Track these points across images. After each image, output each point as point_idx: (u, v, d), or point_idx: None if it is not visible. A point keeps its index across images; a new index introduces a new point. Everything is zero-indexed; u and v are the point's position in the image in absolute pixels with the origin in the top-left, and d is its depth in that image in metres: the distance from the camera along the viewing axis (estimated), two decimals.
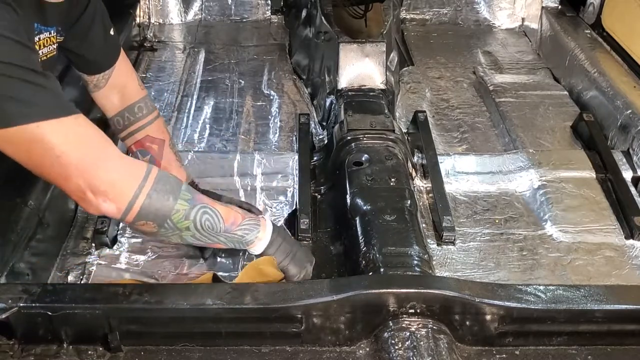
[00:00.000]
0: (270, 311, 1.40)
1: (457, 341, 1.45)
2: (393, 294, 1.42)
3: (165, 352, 1.41)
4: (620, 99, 2.55)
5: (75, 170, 1.38)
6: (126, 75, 1.94)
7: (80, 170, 1.38)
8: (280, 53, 3.21)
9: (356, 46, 2.56)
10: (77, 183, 1.39)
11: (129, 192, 1.44)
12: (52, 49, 1.64)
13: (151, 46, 3.24)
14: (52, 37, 1.62)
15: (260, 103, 2.82)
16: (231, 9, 3.49)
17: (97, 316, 1.38)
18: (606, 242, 2.08)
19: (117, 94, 1.93)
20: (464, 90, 2.95)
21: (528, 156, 2.36)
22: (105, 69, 1.88)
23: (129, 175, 1.45)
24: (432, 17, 3.50)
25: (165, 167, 1.92)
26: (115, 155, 1.46)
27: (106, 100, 1.94)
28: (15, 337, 1.41)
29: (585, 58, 2.86)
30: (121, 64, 1.92)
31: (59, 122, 1.35)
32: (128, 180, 1.45)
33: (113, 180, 1.42)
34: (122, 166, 1.46)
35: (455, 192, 2.27)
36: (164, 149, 1.96)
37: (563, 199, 2.22)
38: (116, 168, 1.44)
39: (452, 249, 2.05)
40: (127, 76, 1.94)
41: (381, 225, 1.86)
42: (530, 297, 1.44)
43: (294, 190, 2.22)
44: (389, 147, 2.20)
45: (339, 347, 1.45)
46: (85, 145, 1.40)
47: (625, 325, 1.48)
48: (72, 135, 1.37)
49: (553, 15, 3.27)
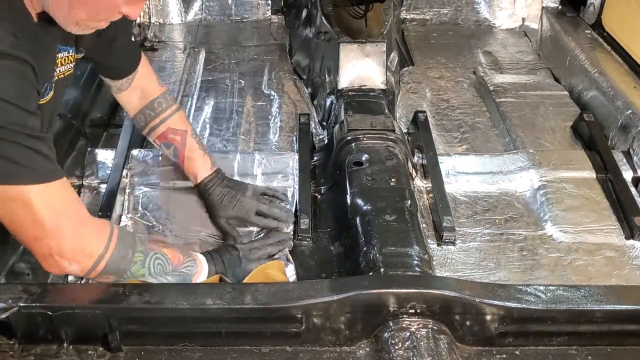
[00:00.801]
0: (270, 311, 1.40)
1: (457, 341, 1.45)
2: (393, 294, 1.42)
3: (166, 352, 1.41)
4: (620, 99, 2.55)
5: (49, 233, 1.43)
6: (146, 76, 2.00)
7: (53, 235, 1.43)
8: (281, 53, 3.21)
9: (356, 46, 2.56)
10: (48, 245, 1.44)
11: (95, 255, 1.50)
12: (70, 67, 1.68)
13: (151, 46, 3.24)
14: (71, 56, 1.66)
15: (261, 103, 2.82)
16: (231, 9, 3.49)
17: (97, 316, 1.38)
18: (606, 242, 2.08)
19: (138, 93, 1.99)
20: (464, 90, 2.95)
21: (528, 156, 2.36)
22: (128, 74, 1.95)
23: (97, 240, 1.52)
24: (433, 17, 3.50)
25: (190, 157, 2.02)
26: (86, 219, 1.51)
27: (128, 101, 2.01)
28: (16, 337, 1.41)
29: (586, 58, 2.86)
30: (142, 66, 1.98)
31: (46, 187, 1.40)
32: (95, 245, 1.51)
33: (82, 246, 1.48)
34: (91, 231, 1.51)
35: (456, 192, 2.27)
36: (186, 139, 2.02)
37: (563, 199, 2.21)
38: (86, 235, 1.49)
39: (452, 249, 2.05)
40: (147, 77, 2.00)
41: (381, 225, 1.86)
42: (530, 298, 1.44)
43: (294, 190, 2.22)
44: (389, 147, 2.20)
45: (339, 347, 1.45)
46: (64, 213, 1.45)
47: (626, 326, 1.47)
48: (55, 201, 1.43)
49: (553, 16, 3.27)
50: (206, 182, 2.03)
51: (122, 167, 2.22)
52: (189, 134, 2.03)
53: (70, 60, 1.66)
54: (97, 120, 2.54)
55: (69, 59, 1.66)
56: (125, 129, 2.36)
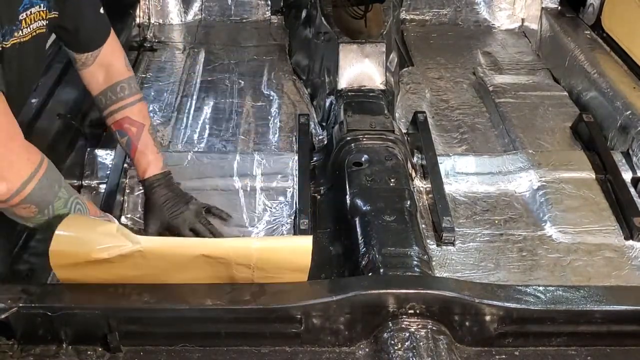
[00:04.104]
0: (269, 312, 1.40)
1: (456, 342, 1.45)
2: (393, 294, 1.42)
3: (165, 353, 1.41)
4: (619, 99, 2.55)
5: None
6: (113, 54, 1.93)
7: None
8: (280, 53, 3.22)
9: (356, 47, 2.57)
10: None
11: (24, 174, 1.48)
12: (42, 25, 1.61)
13: (151, 46, 3.24)
14: (42, 12, 1.60)
15: (260, 103, 2.82)
16: (231, 9, 3.49)
17: (97, 316, 1.38)
18: (606, 242, 2.08)
19: (103, 72, 1.93)
20: (463, 90, 2.95)
21: (528, 157, 2.36)
22: (93, 48, 1.88)
23: (27, 160, 1.50)
24: (432, 17, 3.50)
25: (142, 151, 1.96)
26: (18, 138, 1.49)
27: (92, 78, 1.94)
28: (15, 337, 1.41)
29: (585, 59, 2.86)
30: (110, 43, 1.91)
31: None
32: (25, 164, 1.49)
33: (11, 161, 1.46)
34: (22, 150, 1.50)
35: (455, 193, 2.27)
36: (142, 132, 1.96)
37: (563, 199, 2.22)
38: (16, 151, 1.47)
39: (451, 250, 2.05)
40: (114, 55, 1.94)
41: (381, 225, 1.86)
42: (529, 298, 1.44)
43: (293, 191, 2.22)
44: (388, 148, 2.20)
45: (338, 348, 1.45)
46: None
47: (625, 326, 1.47)
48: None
49: (553, 16, 3.27)
50: (153, 180, 1.97)
51: (122, 168, 2.22)
52: (146, 128, 1.97)
53: (41, 15, 1.59)
54: (97, 120, 2.54)
55: (40, 15, 1.59)
56: None
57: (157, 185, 1.97)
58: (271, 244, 1.52)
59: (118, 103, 1.94)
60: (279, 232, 2.11)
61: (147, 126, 1.98)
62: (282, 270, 1.46)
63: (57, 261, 1.42)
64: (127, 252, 1.40)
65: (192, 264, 1.44)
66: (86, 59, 1.89)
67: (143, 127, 1.97)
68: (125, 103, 1.95)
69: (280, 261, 1.46)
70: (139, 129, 1.96)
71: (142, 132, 1.96)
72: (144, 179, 1.98)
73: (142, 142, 1.96)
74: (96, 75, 1.93)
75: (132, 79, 1.98)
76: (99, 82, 1.94)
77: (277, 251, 1.48)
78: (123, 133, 1.96)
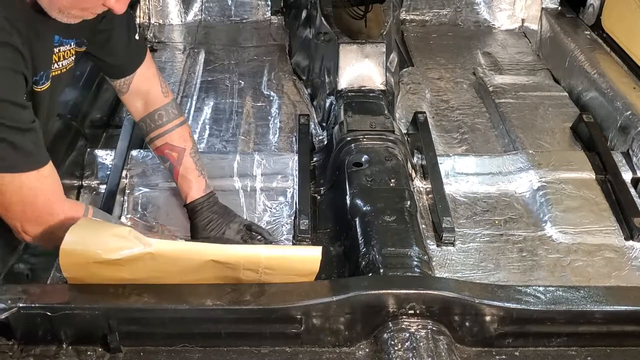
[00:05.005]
0: (269, 312, 1.40)
1: (456, 342, 1.45)
2: (393, 294, 1.42)
3: (165, 353, 1.41)
4: (620, 100, 2.55)
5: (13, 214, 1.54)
6: (149, 81, 1.95)
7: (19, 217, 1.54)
8: (280, 54, 3.22)
9: (356, 47, 2.56)
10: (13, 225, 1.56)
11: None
12: (71, 61, 1.67)
13: (151, 47, 3.24)
14: (72, 50, 1.65)
15: (260, 104, 2.82)
16: (231, 9, 3.49)
17: (97, 317, 1.38)
18: (606, 243, 2.08)
19: (141, 100, 1.96)
20: (463, 91, 2.95)
21: (528, 157, 2.36)
22: (126, 74, 1.90)
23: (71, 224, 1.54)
24: (432, 18, 3.50)
25: (184, 175, 1.98)
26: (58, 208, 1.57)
27: (131, 105, 1.98)
28: (15, 338, 1.41)
29: (585, 59, 2.86)
30: (145, 69, 1.92)
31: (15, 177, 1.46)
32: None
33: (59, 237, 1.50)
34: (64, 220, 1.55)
35: (455, 193, 2.27)
36: (183, 157, 1.98)
37: (563, 200, 2.22)
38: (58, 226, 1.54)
39: (451, 250, 2.05)
40: (151, 82, 1.95)
41: (381, 226, 1.86)
42: (529, 298, 1.44)
43: (293, 191, 2.22)
44: (388, 148, 2.20)
45: (338, 348, 1.44)
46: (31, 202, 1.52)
47: (625, 327, 1.47)
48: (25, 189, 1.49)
49: (553, 17, 3.28)
50: (196, 203, 1.99)
51: (122, 168, 2.22)
52: (187, 152, 1.99)
53: (71, 53, 1.65)
54: (97, 120, 2.54)
55: (70, 53, 1.64)
56: (124, 129, 2.36)
57: (199, 209, 1.99)
58: (280, 253, 1.52)
59: (157, 130, 1.97)
60: (279, 232, 2.10)
61: (188, 150, 2.00)
62: (288, 277, 1.47)
63: (67, 260, 1.41)
64: (137, 254, 1.40)
65: (201, 268, 1.44)
66: (120, 85, 1.92)
67: (184, 152, 1.99)
68: (164, 130, 1.97)
69: (288, 269, 1.47)
70: (180, 153, 1.98)
71: (183, 157, 1.98)
72: (186, 203, 2.00)
73: (183, 167, 1.99)
74: (134, 103, 1.96)
75: (170, 104, 1.99)
76: (138, 109, 1.97)
77: (286, 259, 1.49)
78: (165, 159, 2.00)
